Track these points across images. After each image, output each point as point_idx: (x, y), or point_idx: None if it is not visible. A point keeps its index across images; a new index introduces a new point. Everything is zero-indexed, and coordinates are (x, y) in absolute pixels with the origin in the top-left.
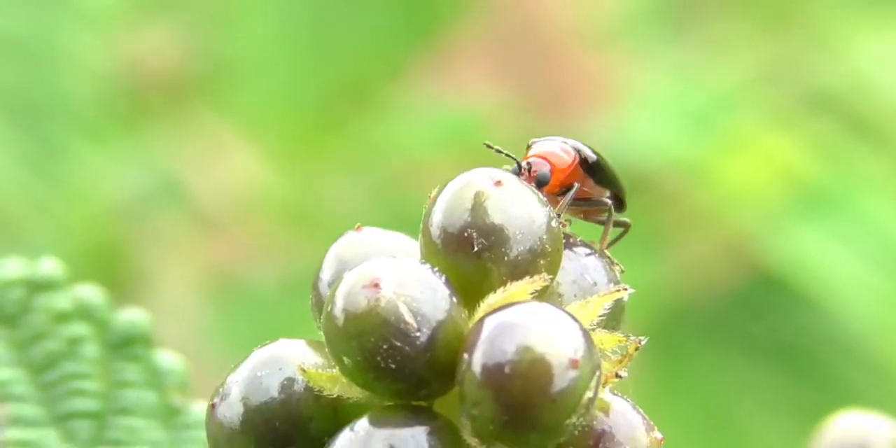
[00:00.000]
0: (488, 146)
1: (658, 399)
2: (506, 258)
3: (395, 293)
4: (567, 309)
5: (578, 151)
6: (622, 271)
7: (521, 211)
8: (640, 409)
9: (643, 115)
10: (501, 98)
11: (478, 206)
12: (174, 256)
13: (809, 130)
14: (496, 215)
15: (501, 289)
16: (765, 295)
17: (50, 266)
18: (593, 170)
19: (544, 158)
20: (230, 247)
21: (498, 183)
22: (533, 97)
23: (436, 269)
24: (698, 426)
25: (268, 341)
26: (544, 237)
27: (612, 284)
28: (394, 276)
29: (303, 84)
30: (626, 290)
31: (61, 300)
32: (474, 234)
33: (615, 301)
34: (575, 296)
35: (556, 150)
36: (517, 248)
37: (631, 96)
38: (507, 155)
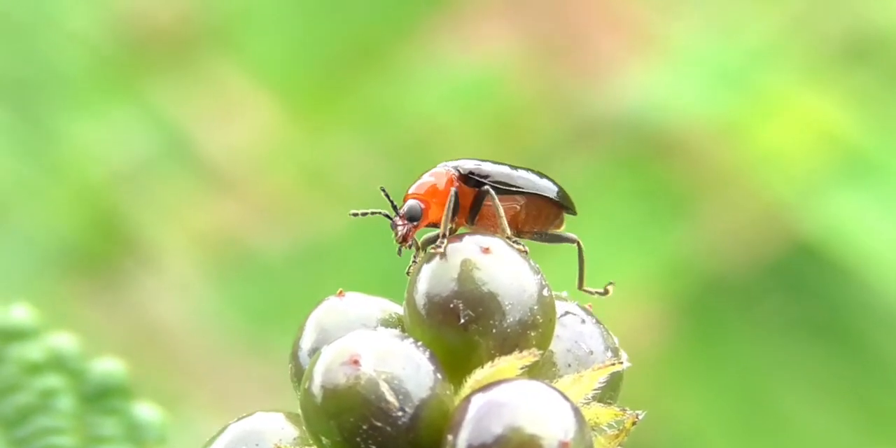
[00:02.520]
0: (358, 215)
1: (691, 373)
2: (494, 330)
3: (375, 370)
4: (560, 383)
5: (457, 168)
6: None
7: (510, 280)
8: None
9: (671, 71)
10: (521, 54)
11: (465, 275)
12: (180, 223)
13: (849, 85)
14: (484, 285)
15: (489, 363)
16: (802, 265)
17: (21, 314)
18: (480, 181)
19: (410, 196)
20: (238, 212)
21: (486, 250)
22: (554, 53)
23: (419, 342)
24: (732, 400)
25: (244, 414)
26: (535, 308)
27: (609, 352)
28: (374, 351)
29: (314, 39)
30: (622, 363)
31: (33, 350)
32: (461, 305)
33: (611, 373)
34: (569, 365)
35: (423, 180)
36: (506, 320)
37: (658, 51)
38: (373, 213)
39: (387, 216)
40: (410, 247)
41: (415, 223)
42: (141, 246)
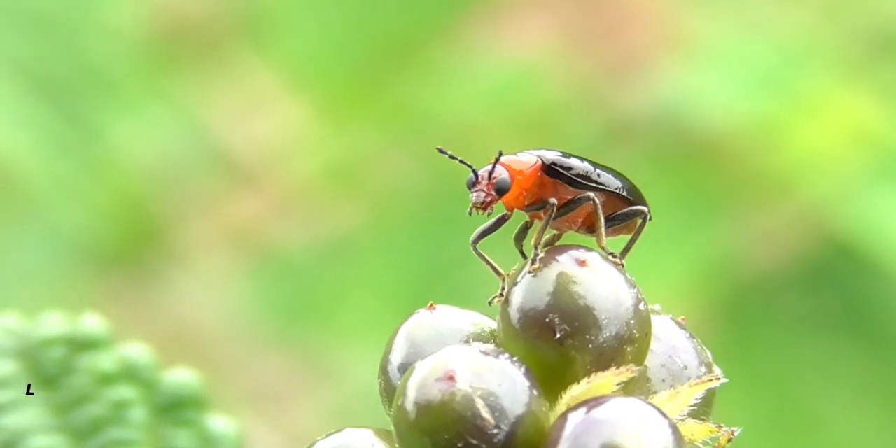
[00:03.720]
0: (441, 151)
1: (729, 374)
2: (590, 345)
3: (471, 386)
4: (656, 399)
5: (540, 156)
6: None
7: (606, 293)
8: None
9: (706, 70)
10: (555, 52)
11: (561, 289)
12: (211, 219)
13: (883, 82)
14: (580, 299)
15: (585, 379)
16: (839, 266)
17: (93, 322)
18: (560, 173)
19: (503, 165)
20: (268, 208)
21: (582, 263)
22: (589, 50)
23: (515, 358)
24: (769, 402)
25: (332, 431)
26: (632, 322)
27: (702, 367)
28: (469, 366)
29: (347, 35)
30: (718, 379)
31: (106, 360)
32: (556, 319)
33: (706, 389)
34: (664, 381)
35: (513, 156)
36: (603, 335)
37: (695, 50)
38: (461, 161)
39: (474, 171)
40: (485, 213)
41: (500, 195)
42: (172, 242)
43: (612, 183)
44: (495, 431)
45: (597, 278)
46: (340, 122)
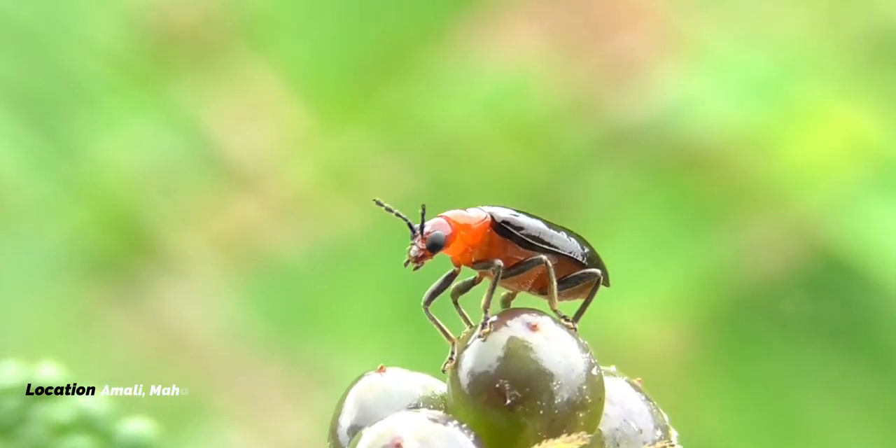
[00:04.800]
0: (378, 204)
1: (722, 385)
2: (542, 411)
3: None
4: None
5: (491, 214)
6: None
7: (559, 358)
8: None
9: (704, 78)
10: (550, 60)
11: (511, 354)
12: (202, 227)
13: (880, 93)
14: (532, 364)
15: (536, 446)
16: (835, 278)
17: (49, 372)
18: (510, 232)
19: (447, 219)
20: (261, 215)
21: (534, 327)
22: (584, 58)
23: (464, 425)
24: (763, 413)
25: None
26: (584, 387)
27: (658, 431)
28: (417, 433)
29: (342, 41)
30: (673, 445)
31: (61, 410)
32: (507, 385)
33: None
34: (618, 445)
35: (460, 211)
36: (555, 401)
37: (691, 58)
38: (397, 214)
39: (410, 226)
40: (416, 269)
41: (433, 252)
42: (164, 251)
43: (566, 245)
44: None
45: (549, 343)
46: (336, 129)
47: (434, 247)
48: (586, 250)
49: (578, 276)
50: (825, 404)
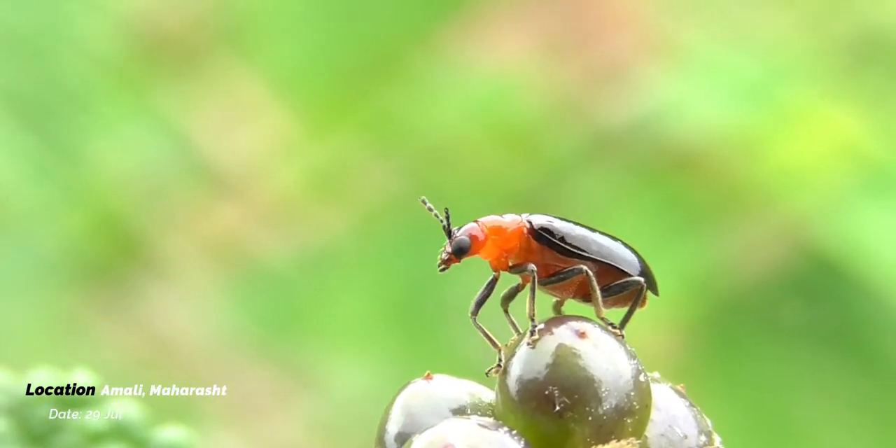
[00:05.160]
0: (423, 202)
1: (713, 388)
2: (590, 418)
3: None
4: None
5: (529, 221)
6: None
7: (606, 365)
8: None
9: (691, 83)
10: (538, 64)
11: (560, 361)
12: (191, 232)
13: (867, 96)
14: (580, 371)
15: None
16: (823, 280)
17: (83, 379)
18: (549, 240)
19: (480, 224)
20: (249, 220)
21: (582, 334)
22: (572, 62)
23: (514, 431)
24: (754, 414)
25: None
26: (632, 394)
27: (702, 436)
28: (468, 440)
29: (328, 46)
30: (719, 447)
31: (95, 417)
32: (556, 392)
33: None
34: None
35: (496, 217)
36: (603, 407)
37: (678, 60)
38: (435, 216)
39: (445, 229)
40: (441, 271)
41: (458, 256)
42: (153, 256)
43: (607, 254)
44: None
45: (596, 350)
46: (323, 133)
47: (459, 251)
48: (630, 258)
49: (621, 285)
50: (816, 406)
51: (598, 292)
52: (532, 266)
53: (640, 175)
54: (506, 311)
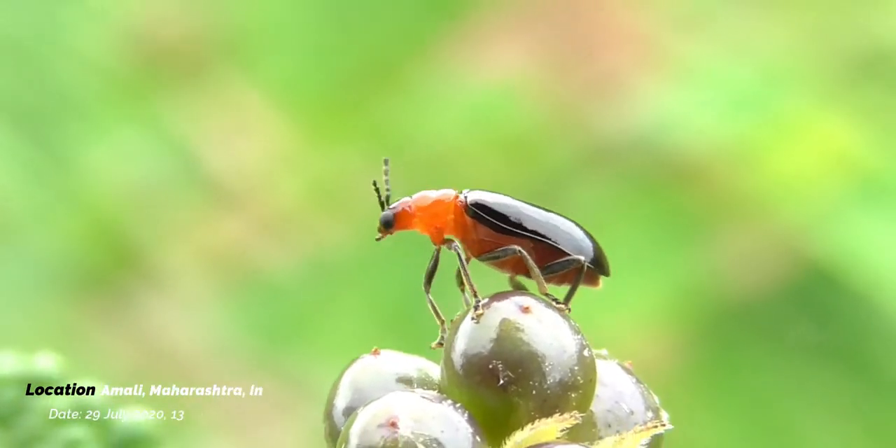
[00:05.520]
0: (374, 185)
1: (708, 398)
2: (534, 392)
3: (413, 433)
4: (601, 446)
5: (466, 197)
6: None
7: (550, 340)
8: None
9: (686, 93)
10: (534, 73)
11: (504, 336)
12: (189, 242)
13: (862, 106)
14: (524, 346)
15: (529, 426)
16: (818, 290)
17: (46, 363)
18: (480, 216)
19: (409, 202)
20: (248, 230)
21: (526, 309)
22: (568, 72)
23: (458, 404)
24: (749, 425)
25: None
26: (576, 368)
27: (649, 412)
28: (412, 413)
29: (326, 57)
30: (664, 425)
31: (59, 400)
32: (500, 366)
33: (652, 435)
34: (610, 426)
35: (426, 192)
36: (547, 381)
37: (675, 72)
38: (375, 189)
39: (380, 204)
40: (378, 240)
41: (386, 229)
42: (151, 265)
43: (548, 232)
44: None
45: (540, 325)
46: (322, 144)
47: (386, 224)
48: (573, 237)
49: (561, 264)
50: (810, 415)
51: (537, 270)
52: (456, 244)
53: (636, 185)
54: (426, 292)
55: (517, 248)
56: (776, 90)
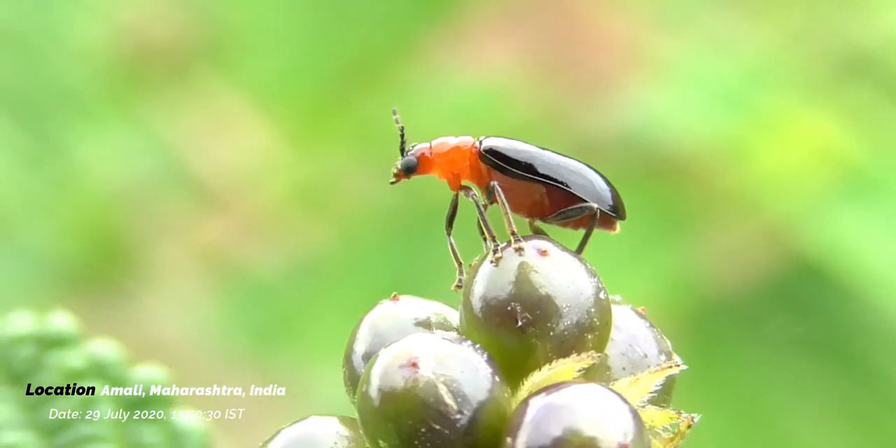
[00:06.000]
0: (394, 112)
1: (694, 392)
2: (551, 333)
3: (433, 373)
4: (616, 387)
5: (481, 142)
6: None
7: (567, 283)
8: None
9: (672, 90)
10: (522, 72)
11: (522, 278)
12: (179, 240)
13: (846, 102)
14: (541, 288)
15: (547, 366)
16: (804, 284)
17: (61, 321)
18: (493, 161)
19: (429, 148)
20: (235, 229)
21: (543, 252)
22: (554, 70)
23: (477, 345)
24: (736, 419)
25: (297, 419)
26: (592, 310)
27: (662, 356)
28: (432, 354)
29: (312, 56)
30: (678, 366)
31: (74, 357)
32: (518, 307)
33: (666, 376)
34: (624, 369)
35: (446, 138)
36: (564, 323)
37: (660, 70)
38: (401, 129)
39: (401, 147)
40: (392, 183)
41: (406, 174)
42: (140, 263)
43: (562, 177)
44: (458, 417)
45: (557, 268)
46: (308, 143)
47: (407, 169)
48: (589, 182)
49: (574, 210)
50: (797, 409)
51: (506, 207)
52: (474, 192)
53: (623, 183)
54: (448, 235)
55: (494, 183)
56: (760, 88)
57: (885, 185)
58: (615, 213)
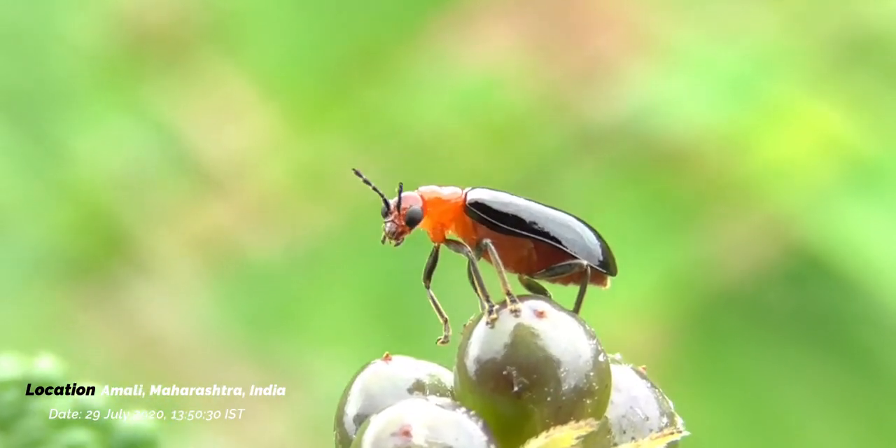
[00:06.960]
0: (357, 174)
1: (698, 386)
2: (549, 399)
3: (427, 441)
4: None
5: (466, 194)
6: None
7: (565, 345)
8: None
9: (676, 79)
10: (524, 60)
11: (518, 341)
12: (177, 229)
13: (852, 91)
14: (539, 351)
15: (544, 433)
16: (810, 277)
17: (47, 365)
18: (479, 215)
19: (421, 195)
20: (236, 216)
21: (540, 314)
22: (558, 58)
23: (472, 412)
24: (740, 413)
25: None
26: (591, 374)
27: (664, 418)
28: (425, 421)
29: (314, 42)
30: (680, 431)
31: (60, 403)
32: (514, 372)
33: (668, 442)
34: (625, 432)
35: (435, 187)
36: (562, 388)
37: (664, 57)
38: (374, 189)
39: (385, 201)
40: (396, 245)
41: (411, 227)
42: (139, 252)
43: (549, 233)
44: None
45: (555, 330)
46: (309, 130)
47: (411, 222)
48: (579, 238)
49: (563, 266)
50: (802, 402)
51: (500, 266)
52: (468, 248)
53: (625, 171)
54: (427, 288)
55: (487, 241)
56: (766, 75)
57: (892, 176)
58: (605, 269)
